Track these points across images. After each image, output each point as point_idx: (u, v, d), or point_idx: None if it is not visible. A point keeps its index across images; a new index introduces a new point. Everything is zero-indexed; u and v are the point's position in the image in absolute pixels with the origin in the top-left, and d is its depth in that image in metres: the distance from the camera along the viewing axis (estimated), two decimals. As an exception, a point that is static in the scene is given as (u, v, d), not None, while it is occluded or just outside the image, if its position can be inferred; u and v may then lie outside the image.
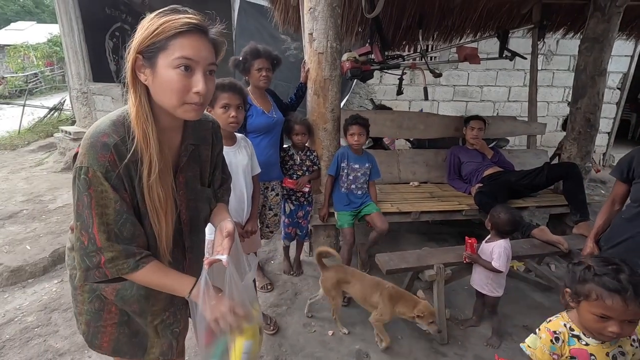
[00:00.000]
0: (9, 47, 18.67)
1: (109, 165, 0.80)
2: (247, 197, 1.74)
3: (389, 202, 2.86)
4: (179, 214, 0.96)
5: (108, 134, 0.82)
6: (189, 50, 0.77)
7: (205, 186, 1.05)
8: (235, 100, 1.56)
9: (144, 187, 0.85)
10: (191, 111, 0.83)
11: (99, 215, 0.82)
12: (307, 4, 2.44)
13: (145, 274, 0.87)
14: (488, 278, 2.04)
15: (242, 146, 1.73)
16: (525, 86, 5.65)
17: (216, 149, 1.08)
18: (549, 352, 1.11)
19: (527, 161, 3.52)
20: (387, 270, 2.06)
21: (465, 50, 3.51)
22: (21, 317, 2.16)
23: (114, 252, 0.84)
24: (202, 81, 0.79)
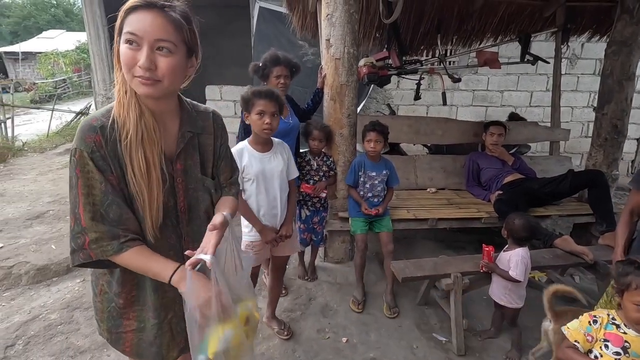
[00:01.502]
0: (40, 54, 19.56)
1: (94, 146, 0.84)
2: (280, 202, 1.76)
3: (405, 208, 2.83)
4: (175, 201, 0.97)
5: (97, 117, 0.87)
6: (134, 25, 0.79)
7: (207, 176, 1.05)
8: (271, 107, 1.59)
9: (125, 158, 0.86)
10: (140, 85, 0.82)
11: (85, 195, 0.84)
12: (325, 10, 2.46)
13: (129, 257, 0.87)
14: (506, 288, 1.98)
15: (278, 151, 1.75)
16: (548, 91, 5.49)
17: (219, 140, 1.08)
18: (584, 332, 1.25)
19: (549, 168, 3.42)
20: (402, 278, 2.03)
21: (485, 55, 3.45)
22: (45, 315, 2.24)
23: (98, 233, 0.85)
24: (145, 55, 0.79)
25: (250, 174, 1.67)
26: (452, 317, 2.06)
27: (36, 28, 33.62)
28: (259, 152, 1.69)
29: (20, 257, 2.78)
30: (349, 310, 2.36)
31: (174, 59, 0.83)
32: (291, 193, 1.84)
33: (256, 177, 1.67)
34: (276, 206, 1.75)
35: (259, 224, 1.73)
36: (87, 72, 18.95)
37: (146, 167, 0.88)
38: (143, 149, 0.87)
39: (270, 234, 1.74)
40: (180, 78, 0.89)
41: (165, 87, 0.84)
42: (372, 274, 2.73)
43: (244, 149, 1.69)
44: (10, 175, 5.12)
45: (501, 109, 5.60)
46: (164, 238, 0.96)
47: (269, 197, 1.72)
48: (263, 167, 1.68)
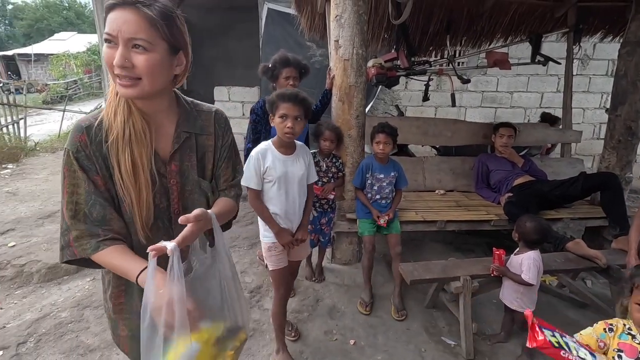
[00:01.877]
0: (52, 56, 19.92)
1: (79, 145, 0.85)
2: (299, 206, 1.75)
3: (414, 210, 2.81)
4: (169, 203, 0.96)
5: (87, 118, 0.89)
6: (109, 25, 0.78)
7: (206, 178, 1.03)
8: (294, 111, 1.56)
9: (112, 159, 0.86)
10: (121, 87, 0.81)
11: (70, 193, 0.85)
12: (334, 11, 2.46)
13: (105, 255, 0.86)
14: (518, 292, 1.95)
15: (300, 155, 1.73)
16: (558, 92, 5.43)
17: (220, 141, 1.04)
18: (596, 338, 1.22)
19: (560, 170, 3.37)
20: (411, 280, 2.02)
21: (495, 56, 3.42)
22: (56, 313, 2.27)
23: (78, 231, 0.86)
24: (118, 53, 0.78)
25: (272, 176, 1.65)
26: (461, 321, 2.04)
27: (48, 30, 34.23)
28: (282, 155, 1.67)
29: (32, 255, 2.83)
30: (357, 312, 2.35)
31: (150, 56, 0.80)
32: (308, 197, 1.81)
33: (278, 179, 1.65)
34: (294, 210, 1.74)
35: (276, 226, 1.70)
36: (98, 74, 19.25)
37: (132, 168, 0.87)
38: (130, 150, 0.87)
39: (287, 237, 1.72)
40: (162, 77, 0.86)
41: (146, 86, 0.82)
42: (379, 276, 2.71)
43: (268, 150, 1.67)
44: (22, 174, 5.21)
45: (510, 110, 5.55)
46: (155, 240, 0.92)
47: (288, 200, 1.70)
48: (286, 170, 1.66)
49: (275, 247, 1.76)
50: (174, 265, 0.77)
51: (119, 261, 0.87)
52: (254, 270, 2.79)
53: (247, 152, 2.33)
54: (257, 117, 2.30)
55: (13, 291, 2.55)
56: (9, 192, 4.34)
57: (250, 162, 1.63)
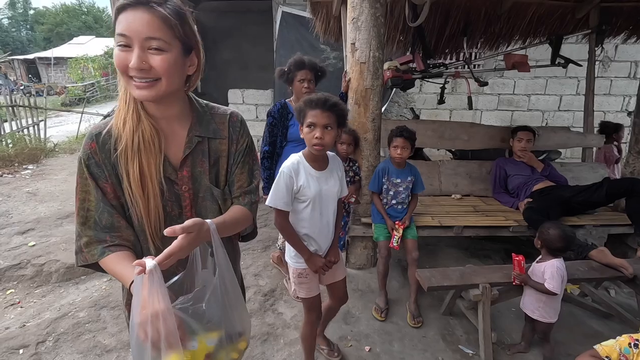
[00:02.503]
0: (71, 59, 20.44)
1: (90, 153, 0.86)
2: (331, 225, 1.57)
3: (430, 214, 2.77)
4: (181, 211, 0.94)
5: (98, 125, 0.90)
6: (122, 26, 0.76)
7: (219, 184, 0.99)
8: (323, 118, 1.35)
9: (121, 167, 0.86)
10: (136, 89, 0.79)
11: (81, 200, 0.88)
12: (351, 13, 2.44)
13: (109, 261, 0.86)
14: (540, 302, 1.89)
15: (333, 169, 1.54)
16: (578, 95, 5.30)
17: (235, 145, 0.99)
18: (619, 351, 1.15)
19: (581, 175, 3.28)
20: (428, 287, 1.98)
21: (514, 58, 3.35)
22: (74, 312, 2.30)
23: (87, 237, 0.88)
24: (135, 55, 0.76)
25: (306, 195, 1.45)
26: (480, 330, 1.99)
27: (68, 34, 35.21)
28: (315, 170, 1.47)
29: (51, 255, 2.88)
30: (372, 318, 2.31)
31: (167, 56, 0.79)
32: (338, 213, 1.61)
33: (313, 200, 1.45)
34: (327, 230, 1.55)
35: (306, 252, 1.51)
36: (114, 77, 19.65)
37: (140, 178, 0.86)
38: (139, 160, 0.86)
39: (318, 262, 1.54)
40: (178, 77, 0.85)
41: (164, 86, 0.81)
42: (394, 281, 2.67)
43: (300, 165, 1.46)
44: (42, 175, 5.33)
45: (528, 114, 5.44)
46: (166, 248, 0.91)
47: (322, 222, 1.51)
48: (320, 189, 1.46)
49: (306, 274, 1.59)
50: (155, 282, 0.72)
51: (119, 267, 0.86)
52: (268, 273, 2.79)
53: (263, 155, 2.33)
54: (274, 120, 2.29)
55: (33, 290, 2.60)
56: (30, 192, 4.45)
57: (281, 179, 1.43)
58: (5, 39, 38.46)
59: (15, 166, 5.59)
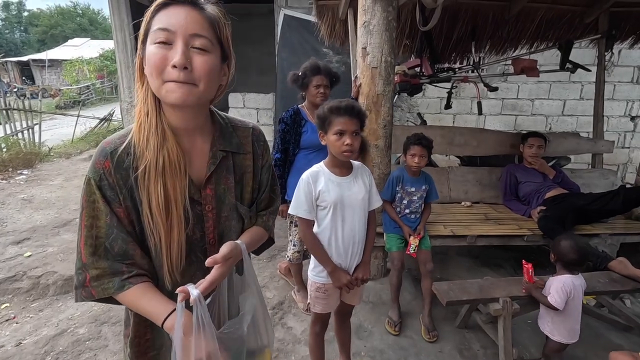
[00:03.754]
0: (66, 61, 20.24)
1: (103, 173, 0.75)
2: (358, 237, 1.48)
3: (441, 223, 2.69)
4: (203, 233, 0.85)
5: (112, 140, 0.78)
6: (165, 20, 0.70)
7: (245, 202, 0.91)
8: (352, 125, 1.35)
9: (141, 190, 0.76)
10: (172, 91, 0.70)
11: (88, 227, 0.76)
12: (362, 17, 2.37)
13: (131, 295, 0.76)
14: (549, 316, 1.82)
15: (359, 175, 1.50)
16: (582, 99, 5.27)
17: (260, 160, 0.94)
18: None
19: (592, 182, 3.23)
20: (447, 301, 1.90)
21: (523, 63, 3.29)
22: (73, 329, 2.19)
23: (99, 270, 0.76)
24: (180, 52, 0.69)
25: (326, 201, 1.41)
26: (500, 345, 1.91)
27: (62, 36, 34.96)
28: (337, 176, 1.44)
29: (48, 266, 2.77)
30: (385, 332, 2.23)
31: (211, 58, 0.73)
32: (370, 226, 1.54)
33: (334, 205, 1.41)
34: (353, 242, 1.47)
35: (330, 265, 1.45)
36: (110, 79, 19.52)
37: (165, 203, 0.76)
38: (163, 182, 0.76)
39: (343, 277, 1.45)
40: (214, 85, 0.78)
41: (201, 92, 0.73)
42: (405, 292, 2.59)
43: (320, 172, 1.45)
44: (37, 180, 5.20)
45: (532, 118, 5.40)
46: (187, 277, 0.83)
47: (345, 230, 1.44)
48: (342, 194, 1.42)
49: (325, 289, 1.52)
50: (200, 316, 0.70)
51: (145, 302, 0.77)
52: (275, 284, 2.69)
53: (275, 163, 2.24)
54: (287, 127, 2.21)
55: (29, 304, 2.48)
56: (25, 199, 4.32)
57: (300, 187, 1.42)
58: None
59: (9, 171, 5.44)
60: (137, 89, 0.77)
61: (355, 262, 1.51)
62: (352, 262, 1.50)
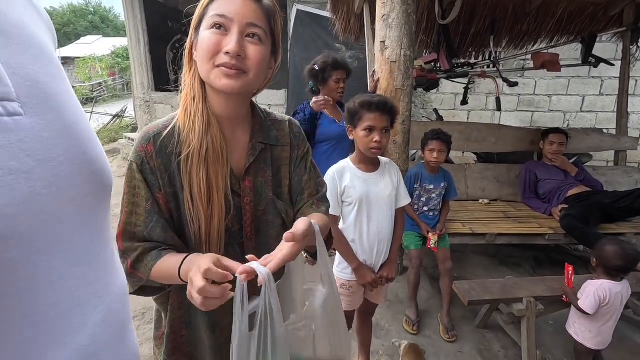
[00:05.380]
0: (79, 59, 20.52)
1: (145, 156, 0.74)
2: (384, 235, 1.46)
3: (460, 221, 2.64)
4: (241, 226, 0.84)
5: (155, 125, 0.78)
6: (223, 7, 0.70)
7: (282, 196, 0.90)
8: (382, 122, 1.32)
9: (183, 176, 0.75)
10: (222, 76, 0.71)
11: (128, 214, 0.75)
12: (381, 10, 2.32)
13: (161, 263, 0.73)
14: (576, 316, 1.77)
15: (386, 172, 1.47)
16: (601, 95, 5.14)
17: (296, 151, 0.93)
18: None
19: (615, 180, 3.14)
20: (469, 301, 1.86)
21: (544, 57, 3.21)
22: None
23: (138, 250, 0.74)
24: (235, 39, 0.69)
25: (352, 196, 1.39)
26: (523, 348, 1.86)
27: (75, 34, 35.44)
28: (363, 172, 1.42)
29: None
30: (403, 331, 2.20)
31: (263, 48, 0.74)
32: (398, 225, 1.51)
33: (359, 200, 1.39)
34: (379, 240, 1.45)
35: (355, 261, 1.42)
36: (122, 76, 19.75)
37: (207, 189, 0.75)
38: (206, 168, 0.75)
39: (368, 275, 1.43)
40: (263, 75, 0.78)
41: (250, 80, 0.73)
42: (422, 291, 2.55)
43: (346, 167, 1.44)
44: (53, 176, 5.26)
45: (549, 115, 5.29)
46: None
47: (370, 227, 1.42)
48: (368, 190, 1.40)
49: (349, 286, 1.50)
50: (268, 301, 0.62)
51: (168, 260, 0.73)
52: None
53: None
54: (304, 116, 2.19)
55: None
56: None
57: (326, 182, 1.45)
58: (13, 38, 38.74)
59: (25, 167, 5.52)
60: (184, 73, 0.78)
61: (381, 261, 1.49)
62: (378, 260, 1.48)
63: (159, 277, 0.74)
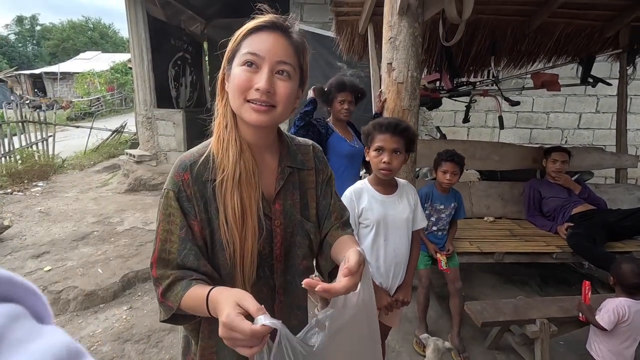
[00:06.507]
0: (78, 74, 20.62)
1: (182, 185, 0.77)
2: (401, 257, 1.44)
3: (467, 239, 2.64)
4: (272, 248, 0.85)
5: (191, 154, 0.81)
6: (255, 45, 0.73)
7: (309, 218, 0.91)
8: (392, 143, 1.32)
9: (218, 200, 0.76)
10: (251, 111, 0.74)
11: (162, 241, 0.76)
12: (387, 33, 2.37)
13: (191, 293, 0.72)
14: (595, 335, 1.76)
15: (404, 194, 1.46)
16: (598, 112, 5.24)
17: (321, 175, 0.95)
18: None
19: (617, 197, 3.17)
20: (482, 322, 1.84)
21: (544, 77, 3.29)
22: (97, 347, 2.15)
23: (170, 278, 0.75)
24: (265, 78, 0.72)
25: (369, 219, 1.38)
26: (538, 370, 1.84)
27: (74, 50, 35.70)
28: (381, 194, 1.42)
29: (69, 281, 2.74)
30: (413, 353, 2.17)
31: (291, 84, 0.77)
32: (414, 247, 1.50)
33: (376, 223, 1.38)
34: (395, 262, 1.44)
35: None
36: (119, 91, 19.82)
37: (241, 213, 0.77)
38: (240, 192, 0.77)
39: (384, 298, 1.41)
40: (290, 108, 0.81)
41: (278, 114, 0.77)
42: (431, 311, 2.52)
43: (363, 189, 1.43)
44: (53, 192, 5.22)
45: (547, 131, 5.37)
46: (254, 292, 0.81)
47: (387, 250, 1.41)
48: (385, 212, 1.39)
49: None
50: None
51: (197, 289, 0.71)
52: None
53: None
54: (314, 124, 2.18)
55: (50, 320, 2.45)
56: (42, 211, 4.33)
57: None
58: (11, 54, 38.97)
59: (24, 183, 5.48)
60: (217, 102, 0.81)
61: (397, 283, 1.48)
62: (394, 283, 1.47)
63: (187, 307, 0.74)
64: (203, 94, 8.54)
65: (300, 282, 0.91)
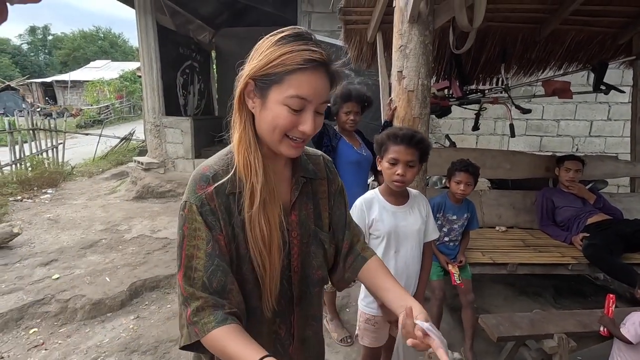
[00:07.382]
0: (88, 82, 20.98)
1: (205, 198, 0.74)
2: (412, 269, 1.42)
3: (479, 250, 2.59)
4: (290, 260, 0.84)
5: (210, 165, 0.78)
6: (305, 89, 0.70)
7: (323, 228, 0.91)
8: (407, 155, 1.29)
9: (246, 221, 0.75)
10: (291, 148, 0.75)
11: (189, 257, 0.73)
12: (397, 41, 2.36)
13: (225, 333, 0.69)
14: (619, 349, 1.69)
15: (415, 205, 1.43)
16: (609, 120, 5.17)
17: (333, 186, 0.95)
18: None
19: (632, 207, 3.09)
20: (498, 337, 1.78)
21: (555, 85, 3.24)
22: (103, 358, 2.13)
23: (200, 300, 0.71)
24: (311, 121, 0.73)
25: (380, 230, 1.37)
26: (556, 388, 1.77)
27: (84, 59, 36.39)
28: (392, 205, 1.40)
29: (76, 289, 2.73)
30: (426, 367, 2.10)
31: (320, 118, 0.77)
32: (426, 259, 1.48)
33: (387, 235, 1.36)
34: (407, 275, 1.42)
35: None
36: (128, 99, 20.10)
37: (269, 232, 0.76)
38: (264, 206, 0.76)
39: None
40: None
41: (305, 144, 0.81)
42: (443, 323, 2.46)
43: (374, 199, 1.41)
44: (62, 200, 5.26)
45: (557, 139, 5.30)
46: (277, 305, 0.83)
47: (398, 262, 1.39)
48: (396, 224, 1.37)
49: (375, 322, 1.46)
50: None
51: (235, 344, 0.68)
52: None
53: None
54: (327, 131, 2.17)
55: (57, 329, 2.43)
56: (50, 218, 4.35)
57: (353, 213, 1.37)
58: (24, 63, 39.81)
59: (34, 190, 5.53)
60: (234, 117, 0.78)
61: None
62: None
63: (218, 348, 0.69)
64: (211, 102, 8.62)
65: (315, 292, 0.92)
